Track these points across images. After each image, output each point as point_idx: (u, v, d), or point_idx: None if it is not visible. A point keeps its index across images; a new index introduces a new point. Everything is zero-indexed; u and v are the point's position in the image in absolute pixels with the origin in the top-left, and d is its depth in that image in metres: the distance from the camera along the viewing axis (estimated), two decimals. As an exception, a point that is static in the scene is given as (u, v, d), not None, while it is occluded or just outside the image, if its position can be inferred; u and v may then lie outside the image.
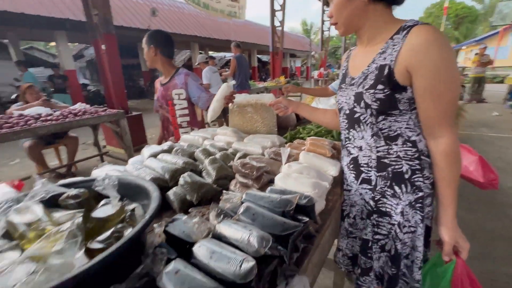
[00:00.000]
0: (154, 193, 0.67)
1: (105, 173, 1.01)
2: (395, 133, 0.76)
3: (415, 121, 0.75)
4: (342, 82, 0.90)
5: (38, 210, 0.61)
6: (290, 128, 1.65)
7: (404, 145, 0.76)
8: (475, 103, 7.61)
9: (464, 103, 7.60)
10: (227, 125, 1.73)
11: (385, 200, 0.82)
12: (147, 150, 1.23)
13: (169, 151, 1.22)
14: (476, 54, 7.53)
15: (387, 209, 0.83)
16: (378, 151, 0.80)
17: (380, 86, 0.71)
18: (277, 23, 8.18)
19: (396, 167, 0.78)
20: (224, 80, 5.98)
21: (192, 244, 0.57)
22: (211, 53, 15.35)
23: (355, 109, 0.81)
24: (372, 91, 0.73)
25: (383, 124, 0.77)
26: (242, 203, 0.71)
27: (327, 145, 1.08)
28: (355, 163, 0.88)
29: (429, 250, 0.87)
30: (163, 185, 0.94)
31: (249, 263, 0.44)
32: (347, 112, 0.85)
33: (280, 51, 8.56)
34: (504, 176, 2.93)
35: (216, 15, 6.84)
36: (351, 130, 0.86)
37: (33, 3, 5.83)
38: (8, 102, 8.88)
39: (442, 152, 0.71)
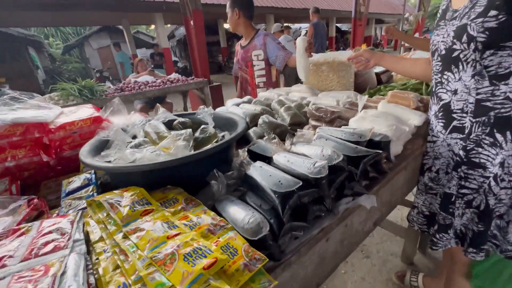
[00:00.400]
0: (241, 124, 0.80)
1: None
2: (507, 71, 0.65)
3: None
4: (440, 19, 0.79)
5: (161, 126, 0.83)
6: (369, 87, 1.55)
7: None
8: None
9: None
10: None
11: (480, 149, 0.73)
12: (230, 102, 1.41)
13: (248, 102, 1.36)
14: None
15: (482, 160, 0.73)
16: (478, 93, 0.71)
17: (492, 12, 0.61)
18: (363, -18, 7.15)
19: (502, 110, 0.68)
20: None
21: (271, 159, 0.68)
22: (286, 24, 14.90)
23: (453, 46, 0.72)
24: (480, 19, 0.64)
25: (491, 60, 0.66)
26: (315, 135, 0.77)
27: (412, 97, 1.00)
28: (445, 110, 0.79)
29: None
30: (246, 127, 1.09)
31: (322, 162, 0.51)
32: (443, 52, 0.76)
33: (364, 16, 7.55)
34: None
35: (295, -20, 6.49)
36: (445, 72, 0.77)
37: (139, -10, 6.90)
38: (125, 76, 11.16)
39: None
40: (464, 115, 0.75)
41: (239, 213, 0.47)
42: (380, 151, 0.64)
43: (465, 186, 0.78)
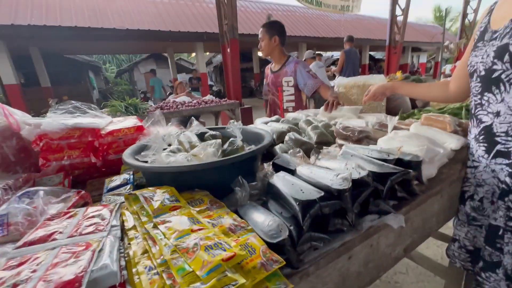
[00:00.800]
0: (267, 138, 0.84)
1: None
2: None
3: None
4: (479, 40, 0.78)
5: (194, 137, 0.90)
6: (402, 110, 1.50)
7: None
8: None
9: None
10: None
11: None
12: (259, 120, 1.47)
13: (276, 121, 1.41)
14: None
15: None
16: None
17: None
18: (398, 13, 7.18)
19: None
20: (332, 77, 5.88)
21: (295, 171, 0.69)
22: (318, 52, 15.27)
23: (494, 66, 0.69)
24: None
25: None
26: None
27: (449, 120, 0.95)
28: (487, 133, 0.74)
29: None
30: (272, 143, 1.13)
31: (345, 174, 0.51)
32: (482, 73, 0.73)
33: (399, 45, 7.48)
34: None
35: (329, 11, 6.78)
36: (485, 93, 0.73)
37: (184, 22, 7.75)
38: (164, 99, 12.20)
39: None
40: (510, 138, 0.69)
41: (260, 217, 0.49)
42: (409, 170, 0.62)
43: None
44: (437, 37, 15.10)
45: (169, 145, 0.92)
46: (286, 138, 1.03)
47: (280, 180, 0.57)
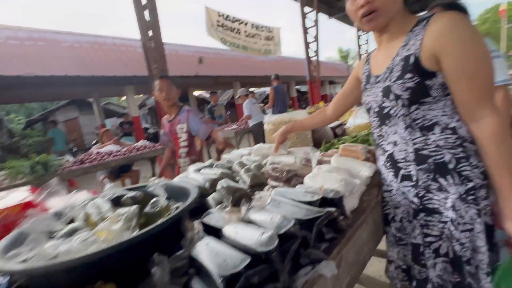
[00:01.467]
0: (194, 190, 0.77)
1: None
2: (431, 122, 0.73)
3: (451, 107, 0.72)
4: (366, 83, 0.91)
5: (106, 206, 0.76)
6: (325, 141, 1.65)
7: (443, 133, 0.72)
8: None
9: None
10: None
11: (430, 195, 0.76)
12: (192, 167, 1.38)
13: (210, 166, 1.35)
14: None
15: (435, 206, 0.75)
16: (414, 143, 0.77)
17: (408, 75, 0.71)
18: (311, 54, 8.50)
19: (437, 157, 0.73)
20: (265, 111, 6.29)
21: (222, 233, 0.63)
22: (252, 89, 16.46)
23: (384, 104, 0.81)
24: (400, 81, 0.73)
25: (417, 114, 0.74)
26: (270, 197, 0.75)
27: (361, 149, 1.07)
28: (391, 160, 0.84)
29: (497, 255, 0.74)
30: (204, 193, 1.05)
31: (269, 232, 0.48)
32: (376, 109, 0.85)
33: (317, 79, 8.72)
34: None
35: (254, 54, 7.52)
36: (382, 126, 0.85)
37: (110, 65, 7.36)
38: (90, 148, 10.81)
39: (487, 134, 0.66)
40: (408, 163, 0.79)
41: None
42: (332, 209, 0.63)
43: (429, 234, 0.77)
44: (344, 72, 18.35)
45: (72, 221, 0.75)
46: (218, 186, 0.98)
47: (204, 250, 0.50)
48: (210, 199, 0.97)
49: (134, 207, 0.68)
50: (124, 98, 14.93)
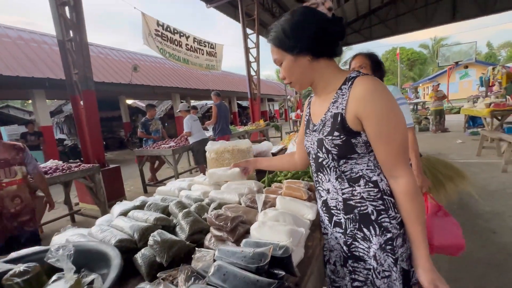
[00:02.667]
0: (115, 260, 0.61)
1: (65, 239, 0.92)
2: (357, 175, 0.78)
3: (374, 162, 0.77)
4: (306, 127, 0.93)
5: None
6: (268, 171, 1.66)
7: (366, 186, 0.77)
8: (440, 132, 8.24)
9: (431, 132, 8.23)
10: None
11: (356, 243, 0.80)
12: (117, 208, 1.16)
13: (141, 207, 1.15)
14: (432, 90, 8.46)
15: (360, 254, 0.79)
16: (343, 193, 0.80)
17: (336, 133, 0.75)
18: (253, 73, 8.87)
19: (362, 208, 0.78)
20: (206, 128, 6.11)
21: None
22: (192, 101, 15.96)
23: (318, 154, 0.84)
24: (330, 137, 0.77)
25: (345, 167, 0.78)
26: (214, 261, 0.66)
27: (303, 187, 1.09)
28: (326, 206, 0.87)
29: None
30: (132, 246, 0.87)
31: None
32: (313, 156, 0.88)
33: (258, 97, 9.10)
34: (480, 201, 3.03)
35: (196, 68, 7.35)
36: (318, 173, 0.87)
37: (12, 65, 5.95)
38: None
39: (401, 191, 0.73)
40: (339, 211, 0.83)
41: None
42: (282, 275, 0.59)
43: (356, 279, 0.81)
44: (282, 91, 19.82)
45: None
46: (151, 241, 0.82)
47: None
48: (139, 257, 0.80)
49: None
50: (31, 101, 12.29)
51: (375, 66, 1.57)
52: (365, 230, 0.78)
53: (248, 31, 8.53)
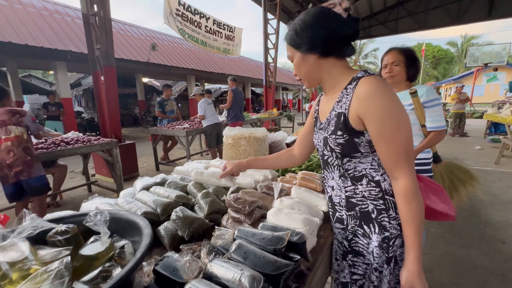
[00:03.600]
0: (146, 229, 0.67)
1: (95, 207, 1.00)
2: (360, 174, 0.79)
3: (378, 162, 0.78)
4: (314, 125, 0.95)
5: (24, 248, 0.60)
6: (282, 161, 1.69)
7: (368, 185, 0.79)
8: (458, 137, 7.97)
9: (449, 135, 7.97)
10: (221, 156, 1.76)
11: (357, 239, 0.83)
12: (139, 183, 1.23)
13: (161, 183, 1.22)
14: (455, 92, 8.10)
15: (360, 249, 0.83)
16: (346, 191, 0.83)
17: (339, 132, 0.76)
18: (270, 60, 8.72)
19: (363, 206, 0.80)
20: (222, 112, 6.15)
21: (182, 284, 0.56)
22: (207, 85, 15.97)
23: (324, 152, 0.85)
24: (333, 136, 0.78)
25: (349, 165, 0.80)
26: (234, 239, 0.71)
27: (318, 180, 1.12)
28: (331, 202, 0.90)
29: None
30: (155, 219, 0.94)
31: (240, 306, 0.44)
32: (321, 154, 0.89)
33: (272, 85, 9.00)
34: (492, 210, 2.98)
35: (213, 51, 7.29)
36: (325, 170, 0.90)
37: (37, 35, 6.10)
38: None
39: (399, 193, 0.73)
40: (341, 208, 0.86)
41: None
42: (298, 259, 0.63)
43: (355, 273, 0.85)
44: (298, 81, 19.44)
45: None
46: (173, 216, 0.88)
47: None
48: (162, 229, 0.87)
49: (67, 259, 0.55)
50: (52, 72, 12.61)
51: (410, 63, 1.49)
52: (365, 227, 0.80)
53: (269, 16, 8.31)
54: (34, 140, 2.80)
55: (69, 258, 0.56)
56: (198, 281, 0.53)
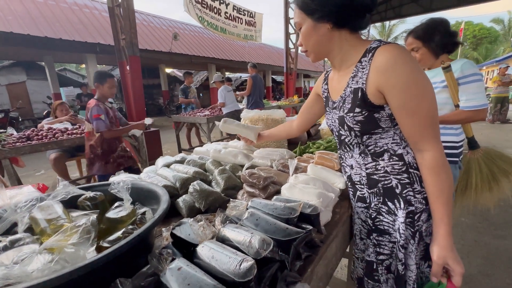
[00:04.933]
0: (164, 197, 0.70)
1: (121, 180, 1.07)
2: (381, 149, 0.76)
3: (400, 135, 0.74)
4: (326, 105, 0.91)
5: (58, 209, 0.66)
6: (300, 143, 1.67)
7: (391, 160, 0.75)
8: (499, 123, 7.26)
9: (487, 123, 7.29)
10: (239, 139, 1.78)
11: (381, 217, 0.80)
12: (161, 160, 1.29)
13: (181, 162, 1.27)
14: (498, 74, 7.32)
15: (385, 227, 0.80)
16: (367, 168, 0.79)
17: (357, 109, 0.72)
18: (291, 46, 8.47)
19: (385, 182, 0.77)
20: (240, 100, 6.17)
21: (196, 246, 0.59)
22: (227, 74, 15.99)
23: (340, 131, 0.82)
24: (351, 114, 0.74)
25: (369, 142, 0.76)
26: (247, 210, 0.73)
27: (336, 159, 1.09)
28: (350, 181, 0.87)
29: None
30: (174, 192, 0.98)
31: (248, 263, 0.45)
32: (336, 134, 0.86)
33: (294, 72, 8.77)
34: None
35: (233, 38, 7.23)
36: (341, 150, 0.87)
37: (69, 29, 6.48)
38: (39, 118, 9.60)
39: (427, 165, 0.68)
40: (362, 186, 0.83)
41: None
42: (310, 228, 0.63)
43: (381, 252, 0.82)
44: (320, 67, 18.76)
45: (14, 226, 0.64)
46: (191, 189, 0.92)
47: (174, 278, 0.46)
48: (181, 201, 0.91)
49: (93, 217, 0.60)
50: (84, 66, 13.42)
51: (428, 39, 1.34)
52: (389, 203, 0.77)
53: (290, -1, 8.00)
54: (69, 125, 3.03)
55: (94, 216, 0.61)
56: (210, 242, 0.55)
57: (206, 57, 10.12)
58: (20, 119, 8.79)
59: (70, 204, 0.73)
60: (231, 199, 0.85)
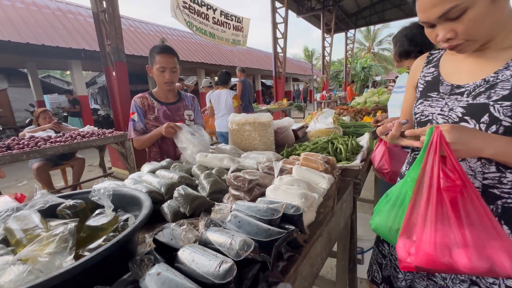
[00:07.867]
0: (146, 202, 0.70)
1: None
2: None
3: None
4: (429, 90, 0.75)
5: (35, 218, 0.64)
6: (287, 145, 1.69)
7: None
8: None
9: None
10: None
11: None
12: (146, 166, 1.28)
13: (167, 167, 1.26)
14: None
15: None
16: (484, 178, 0.64)
17: None
18: (279, 50, 8.58)
19: (509, 201, 0.62)
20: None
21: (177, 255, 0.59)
22: (216, 78, 15.98)
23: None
24: (508, 103, 0.58)
25: None
26: (231, 212, 0.73)
27: (320, 160, 1.11)
28: None
29: None
30: (159, 198, 0.97)
31: (228, 264, 0.45)
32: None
33: (282, 76, 8.88)
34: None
35: (222, 43, 7.27)
36: None
37: (52, 35, 6.33)
38: (22, 127, 9.28)
39: None
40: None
41: None
42: (292, 228, 0.63)
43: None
44: (308, 71, 19.08)
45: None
46: (175, 194, 0.91)
47: (153, 284, 0.45)
48: (165, 206, 0.90)
49: (71, 225, 0.58)
50: (69, 72, 13.11)
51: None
52: (505, 227, 0.62)
53: (277, 4, 8.13)
54: (54, 135, 2.95)
55: (72, 225, 0.59)
56: (191, 245, 0.55)
57: (195, 62, 10.09)
58: (1, 128, 8.48)
59: (50, 213, 0.71)
60: (216, 203, 0.85)
